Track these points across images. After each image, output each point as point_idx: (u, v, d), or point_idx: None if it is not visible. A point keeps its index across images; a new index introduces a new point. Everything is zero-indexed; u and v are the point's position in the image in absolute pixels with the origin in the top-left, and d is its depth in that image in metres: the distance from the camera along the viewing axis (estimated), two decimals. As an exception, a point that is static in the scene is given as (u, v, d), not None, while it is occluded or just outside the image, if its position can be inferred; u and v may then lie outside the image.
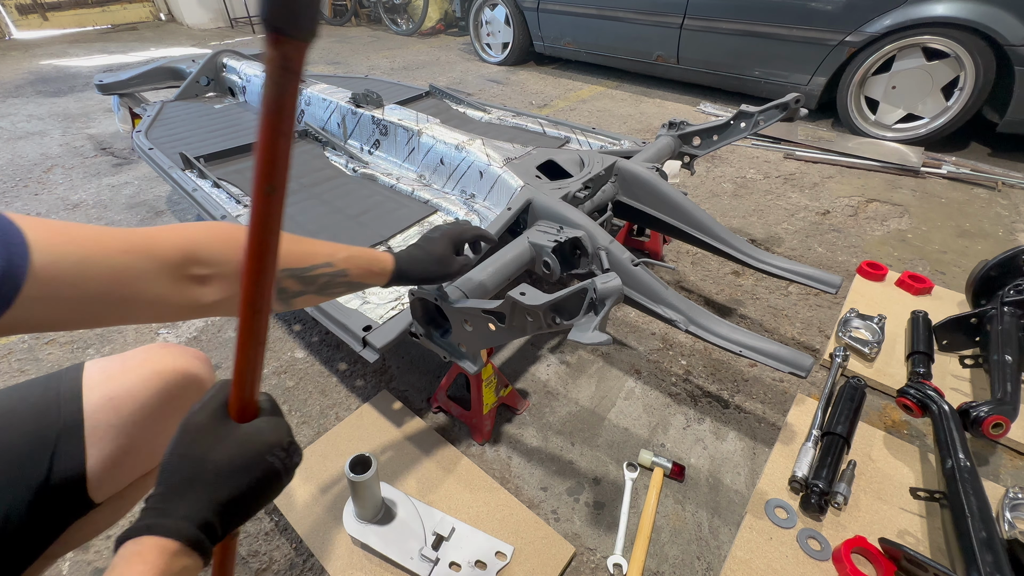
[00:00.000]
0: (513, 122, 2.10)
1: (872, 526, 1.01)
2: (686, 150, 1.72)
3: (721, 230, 1.38)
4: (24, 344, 1.53)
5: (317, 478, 1.11)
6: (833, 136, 2.91)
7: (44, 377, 0.62)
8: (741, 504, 1.09)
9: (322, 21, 7.22)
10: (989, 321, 1.32)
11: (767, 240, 2.02)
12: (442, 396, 1.27)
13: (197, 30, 6.87)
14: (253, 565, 0.99)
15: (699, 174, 2.57)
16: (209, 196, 1.53)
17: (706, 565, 0.99)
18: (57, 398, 0.59)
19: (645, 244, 1.87)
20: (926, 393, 1.15)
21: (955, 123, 2.63)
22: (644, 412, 1.30)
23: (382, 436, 1.21)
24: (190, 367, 0.66)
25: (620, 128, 3.15)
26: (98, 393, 0.60)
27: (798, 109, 1.56)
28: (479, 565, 0.94)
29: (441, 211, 1.53)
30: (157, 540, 0.37)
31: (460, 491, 1.09)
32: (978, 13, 2.38)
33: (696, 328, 1.09)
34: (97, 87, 2.35)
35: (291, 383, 1.39)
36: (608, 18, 3.75)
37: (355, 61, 4.98)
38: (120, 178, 2.57)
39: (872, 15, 2.65)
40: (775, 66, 3.14)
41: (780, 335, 1.54)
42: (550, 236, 1.12)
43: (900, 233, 2.07)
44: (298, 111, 2.06)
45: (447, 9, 6.17)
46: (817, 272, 1.29)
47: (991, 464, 1.17)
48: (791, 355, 1.02)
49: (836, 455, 1.08)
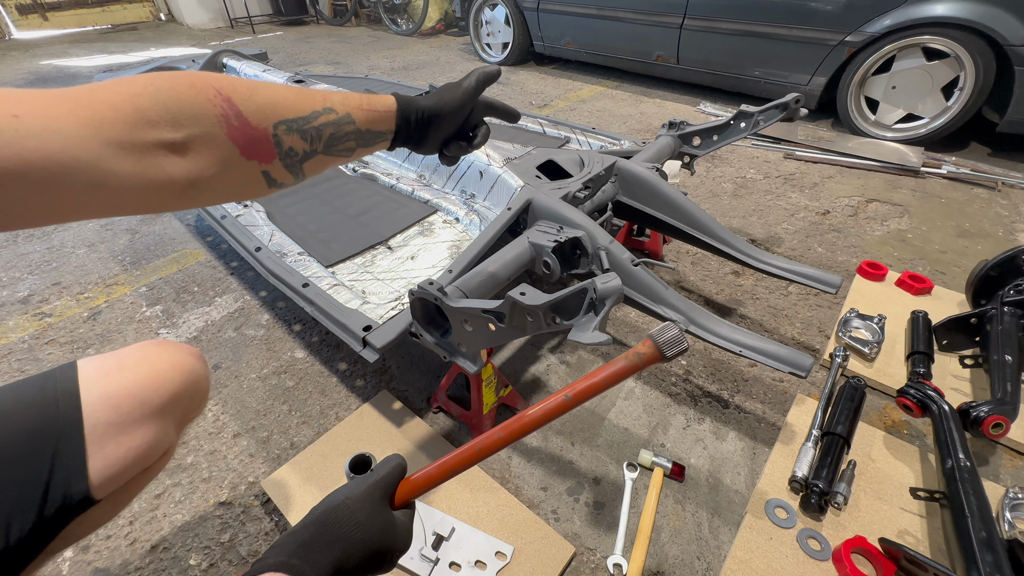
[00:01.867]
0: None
1: (872, 526, 1.01)
2: (686, 150, 1.72)
3: (721, 230, 1.38)
4: (24, 344, 1.53)
5: (317, 478, 1.11)
6: (833, 136, 2.91)
7: (37, 376, 0.61)
8: (741, 504, 1.09)
9: (322, 21, 7.23)
10: (989, 321, 1.32)
11: (767, 240, 2.02)
12: (442, 396, 1.27)
13: (197, 30, 6.87)
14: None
15: (699, 174, 2.57)
16: (209, 196, 1.53)
17: (706, 565, 0.99)
18: (55, 396, 0.59)
19: (645, 244, 1.87)
20: (926, 393, 1.15)
21: (955, 123, 2.63)
22: (644, 412, 1.30)
23: (382, 436, 1.21)
24: (186, 365, 0.65)
25: (620, 128, 3.15)
26: (96, 391, 0.60)
27: (798, 109, 1.56)
28: (479, 565, 0.94)
29: (441, 211, 1.53)
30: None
31: (460, 491, 1.09)
32: (978, 13, 2.38)
33: (696, 328, 1.09)
34: (97, 87, 2.35)
35: (291, 383, 1.39)
36: (608, 18, 3.75)
37: (355, 61, 4.98)
38: (120, 178, 2.56)
39: (872, 15, 2.65)
40: (775, 66, 3.14)
41: (780, 335, 1.54)
42: (550, 236, 1.12)
43: (900, 233, 2.07)
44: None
45: (447, 9, 6.17)
46: (817, 272, 1.29)
47: (991, 464, 1.17)
48: (791, 355, 1.02)
49: (836, 455, 1.08)
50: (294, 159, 0.51)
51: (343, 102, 0.56)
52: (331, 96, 0.56)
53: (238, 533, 1.04)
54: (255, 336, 1.55)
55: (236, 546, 1.02)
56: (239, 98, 0.45)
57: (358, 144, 0.58)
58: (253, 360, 1.46)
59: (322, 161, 0.56)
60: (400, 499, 0.58)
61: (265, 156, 0.47)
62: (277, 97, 0.49)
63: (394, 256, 1.36)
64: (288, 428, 1.26)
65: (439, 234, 1.43)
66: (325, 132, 0.53)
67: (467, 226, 1.46)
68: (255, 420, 1.28)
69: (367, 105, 0.58)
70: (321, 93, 0.56)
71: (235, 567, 0.99)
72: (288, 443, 1.22)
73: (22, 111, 0.34)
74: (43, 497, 0.54)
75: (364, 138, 0.58)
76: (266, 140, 0.47)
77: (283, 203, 1.55)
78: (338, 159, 0.58)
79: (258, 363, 1.45)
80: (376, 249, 1.38)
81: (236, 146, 0.45)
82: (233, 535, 1.04)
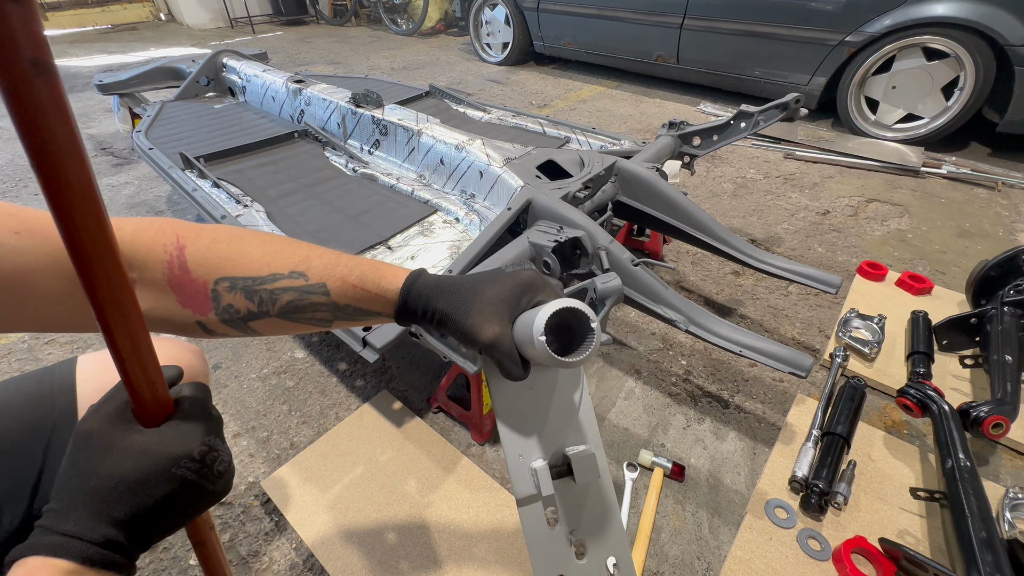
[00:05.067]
0: (513, 122, 2.09)
1: (872, 526, 1.01)
2: (686, 150, 1.72)
3: (721, 230, 1.38)
4: (24, 344, 1.53)
5: (317, 478, 1.11)
6: (833, 136, 2.91)
7: (38, 371, 0.62)
8: (741, 504, 1.09)
9: (322, 21, 7.23)
10: (989, 321, 1.32)
11: (767, 240, 2.02)
12: (442, 396, 1.27)
13: (197, 30, 6.87)
14: (253, 565, 0.99)
15: (699, 174, 2.57)
16: (209, 196, 1.53)
17: (706, 565, 0.99)
18: (51, 390, 0.59)
19: (645, 244, 1.87)
20: (926, 393, 1.15)
21: (955, 123, 2.63)
22: (644, 412, 1.30)
23: (382, 436, 1.21)
24: (183, 361, 0.65)
25: (620, 128, 3.15)
26: (92, 385, 0.60)
27: (798, 109, 1.56)
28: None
29: (441, 211, 1.53)
30: (45, 560, 0.33)
31: (460, 491, 1.08)
32: (978, 13, 2.38)
33: (696, 328, 1.09)
34: (97, 87, 2.35)
35: (291, 383, 1.39)
36: (608, 18, 3.75)
37: (355, 61, 4.98)
38: (120, 178, 2.56)
39: (872, 15, 2.65)
40: (775, 66, 3.14)
41: (780, 335, 1.54)
42: (550, 236, 1.12)
43: (900, 233, 2.07)
44: (297, 111, 2.06)
45: (447, 9, 6.17)
46: (817, 272, 1.29)
47: (991, 464, 1.17)
48: (791, 355, 1.02)
49: (836, 455, 1.08)
50: (234, 316, 0.48)
51: (324, 269, 0.49)
52: (313, 259, 0.49)
53: (238, 533, 1.04)
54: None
55: (236, 546, 1.02)
56: (192, 248, 0.47)
57: (336, 317, 0.50)
58: (253, 360, 1.46)
59: (279, 324, 0.49)
60: (141, 412, 0.39)
61: (200, 308, 0.47)
62: (236, 253, 0.47)
63: (394, 256, 1.36)
64: (288, 428, 1.26)
65: (439, 234, 1.43)
66: (281, 297, 0.48)
67: (467, 226, 1.45)
68: (255, 420, 1.28)
69: (356, 279, 0.49)
70: (305, 254, 0.49)
71: (235, 567, 0.99)
72: (288, 443, 1.22)
73: (23, 229, 0.40)
74: (34, 489, 0.55)
75: (345, 312, 0.50)
76: (203, 293, 0.47)
77: (283, 203, 1.55)
78: (306, 327, 0.51)
79: (258, 363, 1.45)
80: (376, 249, 1.38)
81: (174, 293, 0.47)
82: (233, 535, 1.04)
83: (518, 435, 0.51)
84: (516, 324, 0.47)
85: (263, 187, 1.64)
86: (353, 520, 1.03)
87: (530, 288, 0.48)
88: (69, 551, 0.34)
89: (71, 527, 0.35)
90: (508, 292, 0.47)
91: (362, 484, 1.10)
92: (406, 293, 0.49)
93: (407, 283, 0.50)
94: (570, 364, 0.43)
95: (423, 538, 1.00)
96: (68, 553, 0.34)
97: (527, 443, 0.51)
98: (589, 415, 0.55)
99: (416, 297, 0.49)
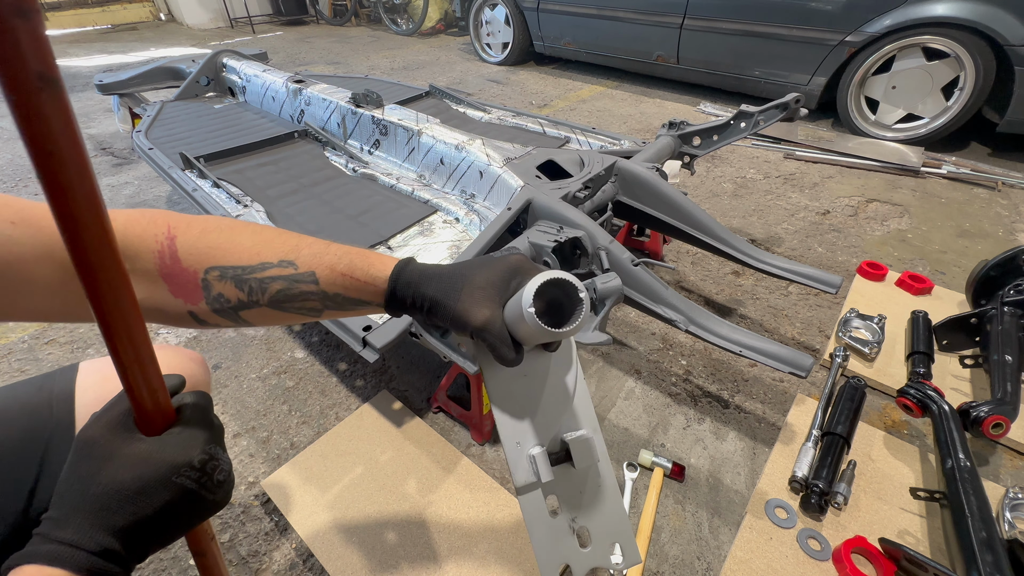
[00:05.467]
0: (513, 122, 2.09)
1: (872, 526, 1.01)
2: (686, 150, 1.72)
3: (721, 230, 1.38)
4: (24, 344, 1.53)
5: (317, 478, 1.11)
6: (833, 136, 2.91)
7: (39, 377, 0.61)
8: (741, 504, 1.09)
9: (322, 21, 7.23)
10: (989, 321, 1.32)
11: (767, 240, 2.02)
12: (442, 396, 1.27)
13: (197, 30, 6.87)
14: (253, 565, 0.99)
15: (699, 174, 2.57)
16: (209, 196, 1.53)
17: (706, 565, 0.99)
18: (49, 398, 0.58)
19: (645, 244, 1.87)
20: (926, 393, 1.15)
21: (955, 123, 2.63)
22: (644, 412, 1.30)
23: (382, 436, 1.21)
24: (185, 370, 0.65)
25: (620, 128, 3.15)
26: (91, 394, 0.59)
27: (798, 109, 1.56)
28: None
29: (441, 211, 1.53)
30: (41, 569, 0.33)
31: (460, 491, 1.08)
32: (978, 13, 2.38)
33: (696, 328, 1.09)
34: (97, 87, 2.35)
35: (291, 383, 1.39)
36: (608, 18, 3.75)
37: (355, 61, 4.98)
38: (120, 178, 2.56)
39: (872, 15, 2.65)
40: (775, 66, 3.15)
41: (780, 335, 1.54)
42: (550, 236, 1.12)
43: (900, 233, 2.07)
44: (297, 111, 2.06)
45: (447, 9, 6.17)
46: (817, 272, 1.29)
47: (991, 464, 1.17)
48: (791, 355, 1.02)
49: (836, 455, 1.08)
50: (225, 305, 0.48)
51: (313, 257, 0.49)
52: (303, 248, 0.49)
53: (238, 533, 1.04)
54: (255, 336, 1.55)
55: (236, 546, 1.02)
56: (184, 239, 0.47)
57: (325, 306, 0.50)
58: (253, 360, 1.46)
59: (270, 314, 0.49)
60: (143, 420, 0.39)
61: (191, 298, 0.47)
62: (226, 242, 0.47)
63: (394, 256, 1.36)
64: (288, 428, 1.26)
65: (439, 234, 1.43)
66: (270, 286, 0.48)
67: (467, 226, 1.45)
68: (255, 420, 1.28)
69: (345, 267, 0.49)
70: (295, 243, 0.49)
71: (235, 567, 0.99)
72: (288, 443, 1.22)
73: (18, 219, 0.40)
74: (28, 499, 0.54)
75: (334, 301, 0.50)
76: (194, 283, 0.47)
77: (283, 203, 1.55)
78: (297, 316, 0.51)
79: (258, 363, 1.45)
80: (376, 249, 1.38)
81: (165, 283, 0.47)
82: (233, 535, 1.04)
83: (515, 422, 0.51)
84: (507, 307, 0.46)
85: (263, 187, 1.64)
86: (353, 520, 1.03)
87: (519, 271, 0.48)
88: (65, 560, 0.34)
89: (69, 535, 0.35)
90: (497, 276, 0.47)
91: (362, 484, 1.10)
92: (395, 281, 0.49)
93: (395, 271, 0.49)
94: (562, 335, 0.43)
95: (423, 538, 1.00)
96: (64, 562, 0.34)
97: (524, 430, 0.51)
98: (585, 400, 0.55)
99: (405, 285, 0.48)
